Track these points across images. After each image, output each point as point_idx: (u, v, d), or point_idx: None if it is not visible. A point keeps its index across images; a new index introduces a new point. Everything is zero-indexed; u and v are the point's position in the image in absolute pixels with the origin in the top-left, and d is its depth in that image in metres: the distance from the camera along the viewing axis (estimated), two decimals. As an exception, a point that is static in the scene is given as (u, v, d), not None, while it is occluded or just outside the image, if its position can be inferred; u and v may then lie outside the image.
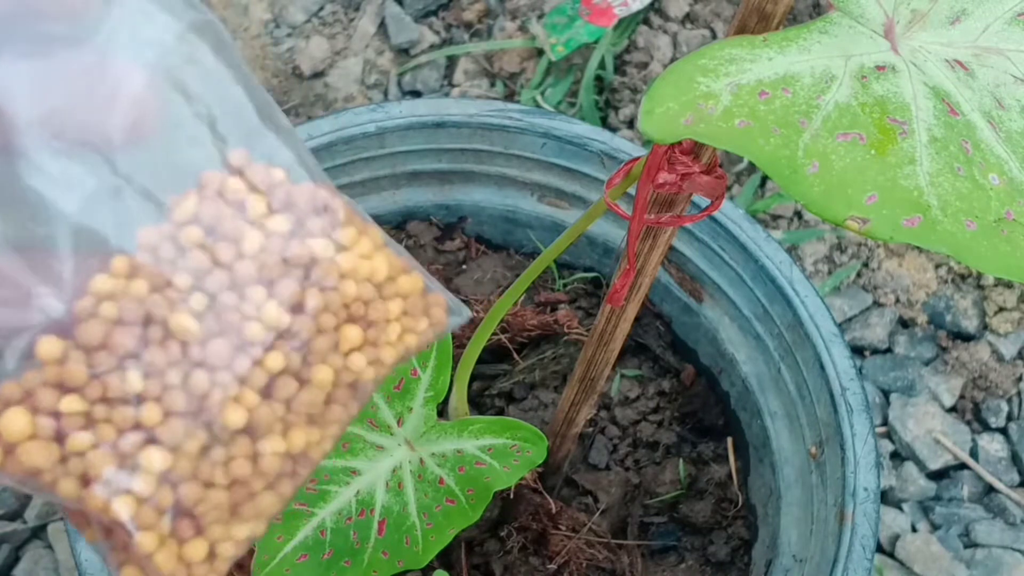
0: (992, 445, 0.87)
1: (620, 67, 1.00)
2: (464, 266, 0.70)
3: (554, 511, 0.60)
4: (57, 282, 0.28)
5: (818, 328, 0.60)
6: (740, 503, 0.65)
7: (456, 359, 0.54)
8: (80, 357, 0.27)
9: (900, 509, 0.85)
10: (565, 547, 0.60)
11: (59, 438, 0.27)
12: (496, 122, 0.66)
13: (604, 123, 0.97)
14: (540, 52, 0.99)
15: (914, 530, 0.84)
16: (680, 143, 0.39)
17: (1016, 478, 0.87)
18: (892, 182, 0.32)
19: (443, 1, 1.03)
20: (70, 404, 0.27)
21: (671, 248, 0.63)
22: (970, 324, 0.92)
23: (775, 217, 0.96)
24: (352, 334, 0.29)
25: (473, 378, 0.58)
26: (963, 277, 0.94)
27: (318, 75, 0.99)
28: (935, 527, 0.84)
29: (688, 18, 1.04)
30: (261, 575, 0.49)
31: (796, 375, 0.62)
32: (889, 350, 0.91)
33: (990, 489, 0.86)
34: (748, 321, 0.64)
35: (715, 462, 0.66)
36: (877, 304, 0.93)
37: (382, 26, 1.02)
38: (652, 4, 1.02)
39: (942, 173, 0.33)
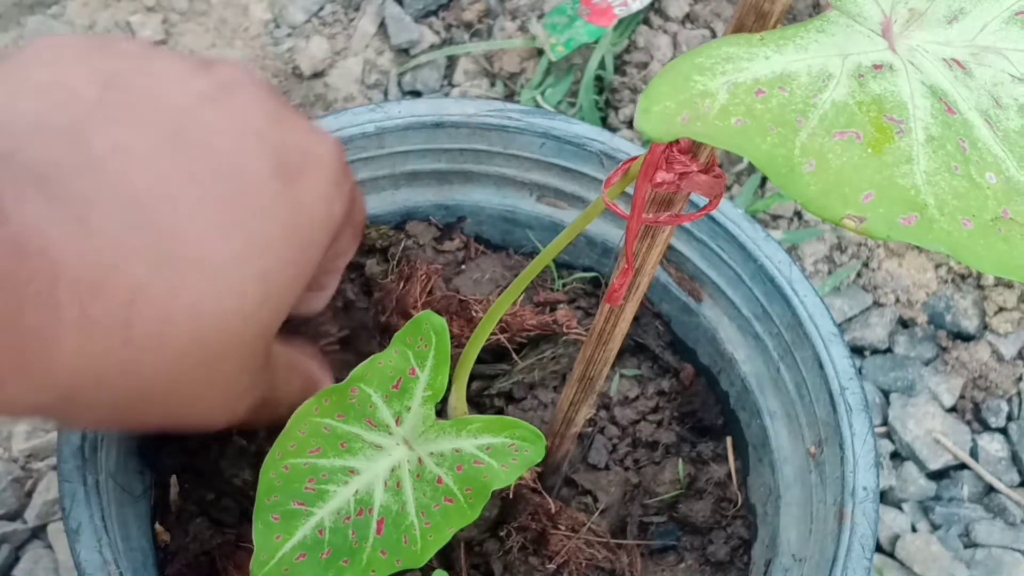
0: (992, 445, 0.87)
1: (620, 67, 1.00)
2: (463, 266, 0.70)
3: (553, 511, 0.60)
4: None
5: (817, 328, 0.60)
6: (739, 503, 0.65)
7: (455, 359, 0.54)
8: None
9: (900, 509, 0.85)
10: (564, 547, 0.60)
11: None
12: (495, 122, 0.66)
13: (604, 123, 0.97)
14: (540, 52, 0.99)
15: (914, 530, 0.84)
16: (678, 142, 0.39)
17: (1016, 478, 0.87)
18: (889, 181, 0.32)
19: (443, 1, 1.03)
20: None
21: (670, 247, 0.63)
22: (970, 324, 0.92)
23: (775, 217, 0.96)
24: None
25: (472, 378, 0.58)
26: (963, 277, 0.94)
27: (318, 75, 0.99)
28: (935, 527, 0.84)
29: (688, 18, 1.04)
30: (260, 574, 0.49)
31: (795, 375, 0.62)
32: (889, 350, 0.91)
33: (990, 489, 0.86)
34: (747, 321, 0.64)
35: (714, 462, 0.66)
36: (877, 304, 0.93)
37: (382, 26, 1.02)
38: (652, 4, 1.02)
39: (939, 172, 0.33)
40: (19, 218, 0.34)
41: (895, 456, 0.87)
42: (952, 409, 0.89)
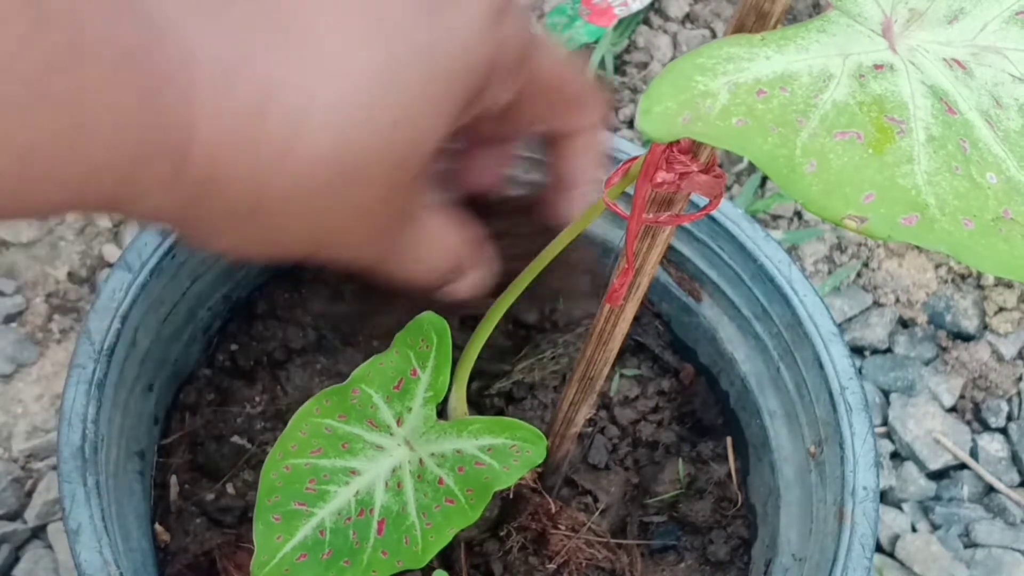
0: (992, 445, 0.87)
1: (620, 67, 1.00)
2: (463, 266, 0.70)
3: (554, 511, 0.60)
4: None
5: (817, 327, 0.60)
6: (739, 502, 0.65)
7: (455, 359, 0.54)
8: None
9: (900, 509, 0.85)
10: (565, 547, 0.60)
11: None
12: (495, 122, 0.66)
13: (604, 123, 0.97)
14: (540, 52, 0.99)
15: (914, 530, 0.84)
16: (678, 142, 0.39)
17: (1016, 478, 0.87)
18: (890, 181, 0.32)
19: (443, 1, 1.03)
20: None
21: (670, 247, 0.63)
22: (970, 324, 0.92)
23: (775, 217, 0.96)
24: None
25: (472, 378, 0.58)
26: (963, 277, 0.94)
27: (318, 75, 0.99)
28: (935, 527, 0.84)
29: (688, 18, 1.04)
30: (260, 575, 0.49)
31: (795, 374, 0.62)
32: (889, 350, 0.91)
33: (990, 489, 0.86)
34: (747, 320, 0.64)
35: (714, 462, 0.66)
36: (877, 304, 0.93)
37: (382, 26, 1.02)
38: (652, 4, 1.02)
39: (940, 172, 0.33)
40: None
41: (895, 456, 0.87)
42: (952, 409, 0.89)
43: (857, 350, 0.91)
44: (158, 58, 0.33)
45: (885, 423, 0.88)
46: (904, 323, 0.92)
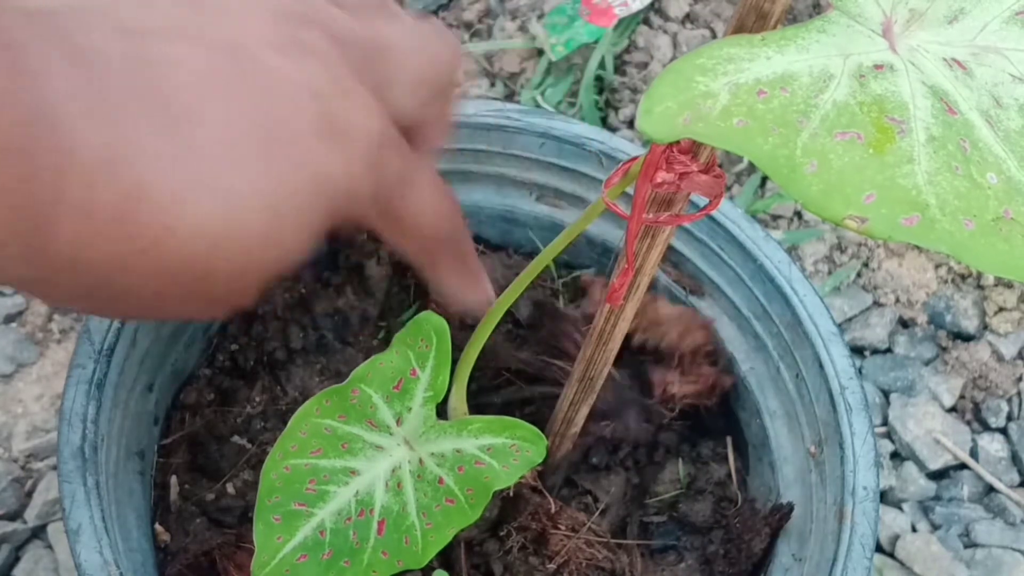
0: (992, 445, 0.87)
1: (620, 67, 1.00)
2: (463, 266, 0.70)
3: (554, 511, 0.60)
4: None
5: (817, 327, 0.60)
6: (740, 502, 0.65)
7: (455, 359, 0.54)
8: None
9: (900, 509, 0.85)
10: (565, 547, 0.60)
11: None
12: (494, 122, 0.66)
13: (604, 123, 0.98)
14: (540, 52, 1.00)
15: (914, 530, 0.84)
16: (678, 142, 0.39)
17: (1016, 478, 0.87)
18: (890, 181, 0.32)
19: (443, 1, 1.03)
20: None
21: (669, 247, 0.63)
22: (970, 324, 0.92)
23: (775, 217, 0.96)
24: None
25: (472, 378, 0.58)
26: (963, 277, 0.94)
27: (318, 75, 0.99)
28: (935, 527, 0.84)
29: (688, 18, 1.04)
30: (260, 575, 0.49)
31: (795, 374, 0.62)
32: (889, 350, 0.91)
33: (990, 489, 0.86)
34: (747, 320, 0.64)
35: (714, 461, 0.66)
36: (877, 304, 0.93)
37: (382, 26, 1.02)
38: (652, 4, 1.02)
39: (940, 172, 0.33)
40: (44, 82, 0.34)
41: (895, 456, 0.87)
42: (952, 409, 0.89)
43: (857, 350, 0.91)
44: (37, 142, 0.34)
45: (885, 423, 0.88)
46: (904, 323, 0.92)
